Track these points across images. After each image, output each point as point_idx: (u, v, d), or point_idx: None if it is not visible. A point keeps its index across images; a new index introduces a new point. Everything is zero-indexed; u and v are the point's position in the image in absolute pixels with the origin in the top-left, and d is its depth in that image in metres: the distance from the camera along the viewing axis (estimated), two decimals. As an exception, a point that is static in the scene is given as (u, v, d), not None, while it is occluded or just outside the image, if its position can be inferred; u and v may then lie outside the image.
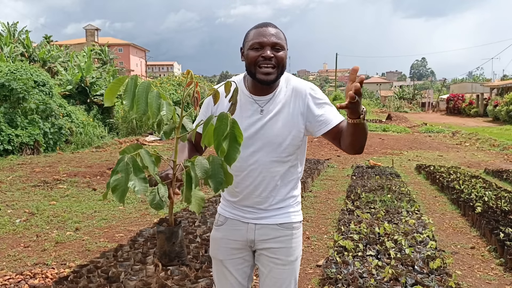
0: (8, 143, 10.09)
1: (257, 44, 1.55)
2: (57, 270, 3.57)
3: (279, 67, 1.56)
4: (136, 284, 2.92)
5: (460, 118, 30.50)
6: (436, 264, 3.24)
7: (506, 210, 5.05)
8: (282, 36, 1.58)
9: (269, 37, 1.54)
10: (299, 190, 1.76)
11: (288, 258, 1.67)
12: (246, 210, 1.69)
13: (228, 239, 1.71)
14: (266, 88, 1.61)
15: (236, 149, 1.23)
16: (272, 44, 1.54)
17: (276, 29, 1.58)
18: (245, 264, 1.73)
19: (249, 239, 1.69)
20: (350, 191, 6.39)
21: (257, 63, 1.54)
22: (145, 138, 14.20)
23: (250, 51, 1.56)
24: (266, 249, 1.68)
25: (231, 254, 1.71)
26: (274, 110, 1.61)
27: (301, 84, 1.65)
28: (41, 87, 11.92)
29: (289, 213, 1.70)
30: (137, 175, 1.17)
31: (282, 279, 1.67)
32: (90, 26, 49.79)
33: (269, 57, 1.53)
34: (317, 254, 4.06)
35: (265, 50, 1.53)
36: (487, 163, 10.23)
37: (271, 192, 1.66)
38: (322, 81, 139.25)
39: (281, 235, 1.67)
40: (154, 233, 4.22)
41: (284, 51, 1.57)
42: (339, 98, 33.50)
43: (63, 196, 6.32)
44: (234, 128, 1.22)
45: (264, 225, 1.67)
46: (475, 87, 41.80)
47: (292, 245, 1.68)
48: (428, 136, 17.39)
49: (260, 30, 1.56)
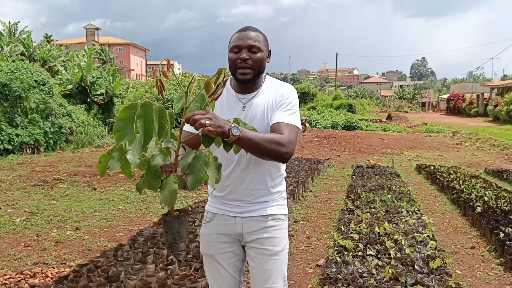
0: (8, 142, 10.09)
1: (236, 47, 1.68)
2: (57, 269, 3.57)
3: (255, 68, 1.68)
4: (136, 283, 2.92)
5: (460, 118, 30.49)
6: (436, 264, 3.24)
7: (506, 210, 5.05)
8: (260, 39, 1.70)
9: (246, 40, 1.67)
10: (283, 187, 1.85)
11: (275, 248, 1.74)
12: (233, 204, 1.77)
13: (217, 233, 1.79)
14: (248, 87, 1.74)
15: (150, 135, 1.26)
16: (248, 47, 1.67)
17: (255, 32, 1.70)
18: (235, 258, 1.81)
19: (237, 232, 1.76)
20: (350, 191, 6.39)
21: (236, 64, 1.68)
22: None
23: (230, 54, 1.70)
24: (254, 240, 1.75)
25: (221, 248, 1.79)
26: (254, 106, 1.73)
27: (280, 85, 1.78)
28: (41, 86, 11.92)
29: (274, 205, 1.78)
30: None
31: (270, 270, 1.74)
32: (91, 25, 49.78)
33: (244, 59, 1.66)
34: (317, 254, 4.06)
35: (242, 52, 1.67)
36: (487, 163, 10.23)
37: (257, 185, 1.74)
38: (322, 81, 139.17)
39: (267, 225, 1.75)
40: (154, 232, 4.22)
41: (261, 52, 1.69)
42: (339, 97, 33.48)
43: (63, 196, 6.32)
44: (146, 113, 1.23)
45: (250, 217, 1.75)
46: (475, 87, 41.79)
47: (278, 235, 1.76)
48: (428, 136, 17.38)
49: (239, 34, 1.70)
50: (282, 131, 1.61)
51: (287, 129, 1.63)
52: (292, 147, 1.60)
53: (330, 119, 20.85)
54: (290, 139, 1.61)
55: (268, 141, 1.52)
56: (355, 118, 21.62)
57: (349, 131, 18.51)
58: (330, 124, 19.94)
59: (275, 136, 1.57)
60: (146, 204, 5.83)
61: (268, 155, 1.57)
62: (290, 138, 1.61)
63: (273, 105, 1.71)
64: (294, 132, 1.65)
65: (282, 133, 1.61)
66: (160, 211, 5.46)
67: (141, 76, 60.28)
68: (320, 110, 23.98)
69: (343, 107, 28.43)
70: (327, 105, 28.18)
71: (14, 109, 10.69)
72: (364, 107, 35.41)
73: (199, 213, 4.84)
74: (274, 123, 1.66)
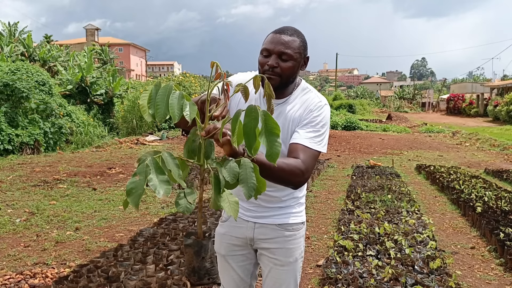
0: (9, 142, 10.09)
1: (265, 50, 1.56)
2: (57, 269, 3.57)
3: (283, 77, 1.55)
4: (136, 284, 2.92)
5: (460, 118, 30.49)
6: (436, 264, 3.24)
7: (506, 210, 5.05)
8: (295, 45, 1.55)
9: (278, 45, 1.53)
10: (303, 192, 1.74)
11: (287, 259, 1.67)
12: (247, 208, 1.70)
13: (230, 235, 1.74)
14: (277, 93, 1.57)
15: (275, 142, 1.12)
16: (279, 53, 1.53)
17: (291, 37, 1.55)
18: (247, 262, 1.75)
19: (249, 237, 1.70)
20: (350, 191, 6.39)
21: (264, 69, 1.55)
22: (145, 138, 14.20)
23: (260, 56, 1.58)
24: (265, 249, 1.69)
25: (232, 250, 1.74)
26: (279, 114, 1.60)
27: (312, 98, 1.64)
28: (41, 86, 11.92)
29: (288, 214, 1.69)
30: (158, 177, 1.06)
31: (282, 279, 1.68)
32: (91, 25, 49.79)
33: (272, 66, 1.53)
34: (317, 254, 4.06)
35: (271, 58, 1.54)
36: (487, 163, 10.23)
37: (272, 192, 1.65)
38: (322, 81, 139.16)
39: (279, 235, 1.67)
40: (154, 233, 4.22)
41: (292, 61, 1.54)
42: (339, 98, 33.51)
43: (63, 196, 6.32)
44: (267, 120, 1.11)
45: (263, 224, 1.68)
46: (475, 87, 41.79)
47: (291, 246, 1.67)
48: (428, 136, 17.38)
49: (273, 36, 1.56)
50: (300, 155, 1.48)
51: (306, 154, 1.49)
52: (307, 176, 1.48)
53: (330, 119, 20.83)
54: (307, 167, 1.47)
55: (282, 168, 1.38)
56: (355, 118, 21.63)
57: (349, 131, 18.52)
58: (330, 124, 19.92)
59: (290, 163, 1.44)
60: (146, 204, 5.83)
61: (279, 182, 1.48)
62: (307, 166, 1.47)
63: (299, 120, 1.58)
64: (313, 158, 1.52)
65: (299, 157, 1.47)
66: (160, 212, 5.46)
67: (141, 77, 60.31)
68: (320, 111, 23.93)
69: (343, 107, 28.46)
70: (327, 105, 28.13)
71: (15, 110, 10.69)
72: (364, 107, 35.42)
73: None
74: (294, 143, 1.53)
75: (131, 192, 1.05)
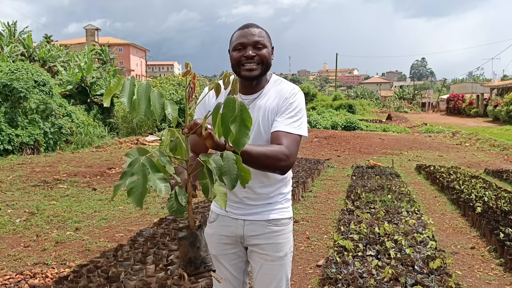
0: (8, 143, 10.09)
1: (239, 45, 1.63)
2: (57, 269, 3.57)
3: (263, 64, 1.64)
4: (136, 284, 2.92)
5: (460, 118, 30.50)
6: (436, 264, 3.24)
7: (506, 210, 5.05)
8: (264, 35, 1.65)
9: (250, 37, 1.62)
10: (289, 188, 1.79)
11: (277, 254, 1.71)
12: (235, 206, 1.73)
13: (220, 234, 1.77)
14: (253, 87, 1.68)
15: (244, 133, 1.18)
16: (253, 44, 1.62)
17: (258, 28, 1.66)
18: (239, 260, 1.79)
19: (239, 235, 1.74)
20: (350, 191, 6.39)
21: (241, 62, 1.63)
22: (145, 138, 14.20)
23: (233, 52, 1.65)
24: (255, 245, 1.73)
25: (224, 250, 1.77)
26: (257, 108, 1.67)
27: (286, 87, 1.70)
28: (41, 87, 11.93)
29: (277, 209, 1.73)
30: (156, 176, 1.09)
31: (273, 275, 1.72)
32: (91, 26, 49.77)
33: (251, 56, 1.61)
34: (317, 254, 4.06)
35: (247, 50, 1.62)
36: (487, 163, 10.23)
37: (259, 189, 1.69)
38: (322, 81, 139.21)
39: (269, 231, 1.71)
40: (154, 233, 4.22)
41: (266, 48, 1.64)
42: (339, 98, 33.49)
43: (63, 196, 6.32)
44: (242, 111, 1.17)
45: (252, 221, 1.72)
46: (475, 87, 41.79)
47: (281, 241, 1.72)
48: (428, 136, 17.38)
49: (242, 32, 1.65)
50: (282, 141, 1.55)
51: (287, 139, 1.56)
52: (292, 160, 1.54)
53: (330, 120, 20.86)
54: (290, 152, 1.53)
55: (266, 155, 1.46)
56: (355, 119, 21.62)
57: (349, 132, 18.51)
58: (330, 125, 19.94)
59: (274, 149, 1.50)
60: (146, 204, 5.83)
61: (266, 169, 1.54)
62: (290, 150, 1.54)
63: (276, 109, 1.65)
64: (295, 142, 1.58)
65: (282, 143, 1.54)
66: (160, 212, 5.46)
67: (141, 77, 60.27)
68: (320, 111, 23.99)
69: (343, 107, 28.45)
70: (327, 106, 28.20)
71: (15, 110, 10.69)
72: (364, 107, 35.42)
73: (199, 214, 4.84)
74: (275, 131, 1.59)
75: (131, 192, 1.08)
